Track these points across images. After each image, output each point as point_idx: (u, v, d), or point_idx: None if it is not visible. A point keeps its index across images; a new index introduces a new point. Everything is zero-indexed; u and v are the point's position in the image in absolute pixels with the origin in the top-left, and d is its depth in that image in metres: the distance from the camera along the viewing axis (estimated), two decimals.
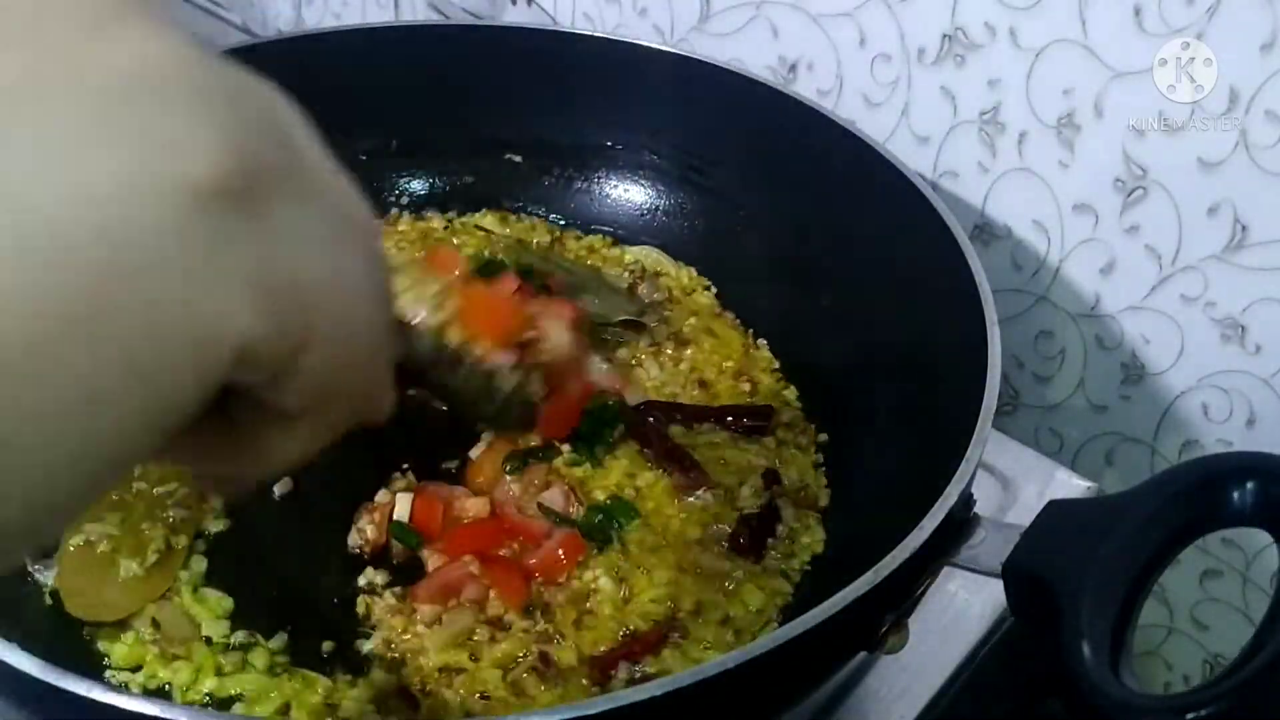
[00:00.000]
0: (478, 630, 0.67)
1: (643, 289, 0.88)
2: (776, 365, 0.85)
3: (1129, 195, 0.78)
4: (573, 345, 0.72)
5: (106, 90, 0.28)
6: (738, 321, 0.88)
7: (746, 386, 0.84)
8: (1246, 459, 0.50)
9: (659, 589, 0.70)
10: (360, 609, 0.68)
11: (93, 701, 0.47)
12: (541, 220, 0.95)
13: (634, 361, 0.84)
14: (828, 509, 0.76)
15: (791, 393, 0.83)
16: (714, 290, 0.90)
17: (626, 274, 0.91)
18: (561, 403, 0.74)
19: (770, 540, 0.73)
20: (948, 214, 0.72)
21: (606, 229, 0.94)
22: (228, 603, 0.68)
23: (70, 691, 0.48)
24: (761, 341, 0.87)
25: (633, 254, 0.93)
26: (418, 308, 0.46)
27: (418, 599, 0.68)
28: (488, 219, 0.95)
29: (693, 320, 0.88)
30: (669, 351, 0.85)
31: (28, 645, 0.49)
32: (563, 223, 0.95)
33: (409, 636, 0.67)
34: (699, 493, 0.75)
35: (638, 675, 0.65)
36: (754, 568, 0.71)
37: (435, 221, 0.95)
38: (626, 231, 0.94)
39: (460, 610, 0.67)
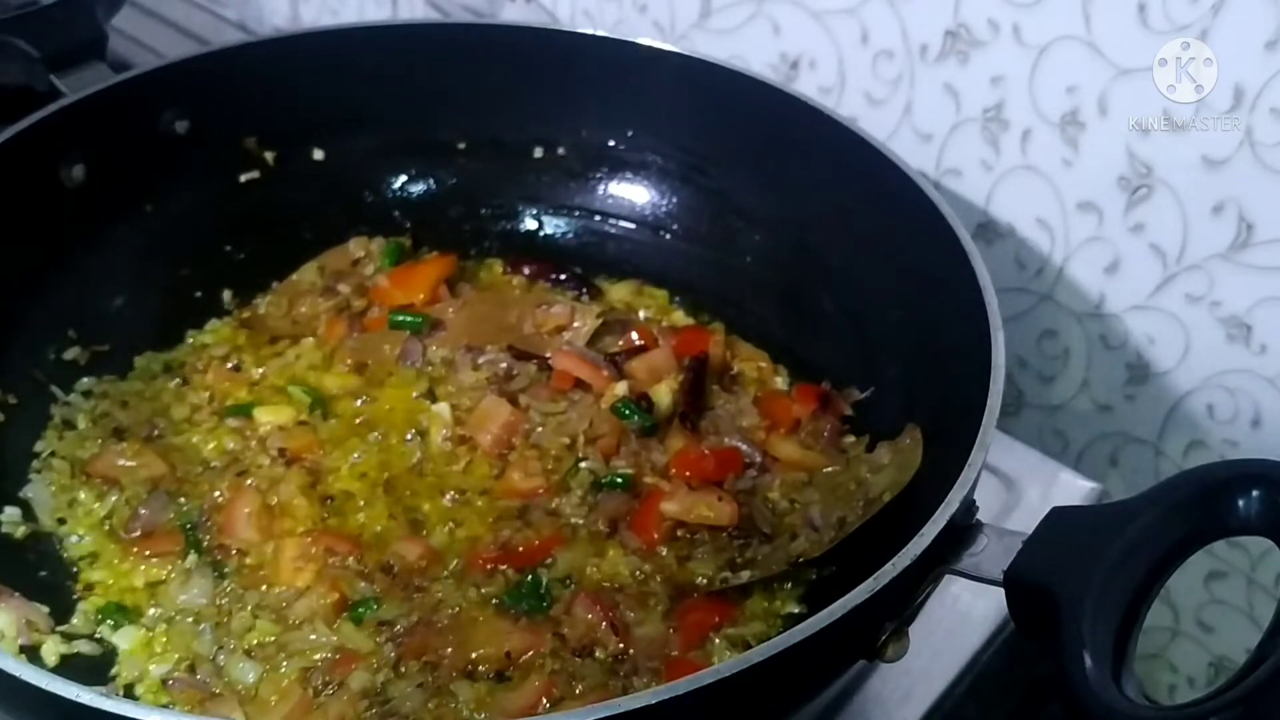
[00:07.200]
0: None
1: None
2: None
3: (1133, 193, 0.78)
4: None
5: None
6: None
7: None
8: (1251, 466, 0.49)
9: None
10: None
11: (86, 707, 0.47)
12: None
13: None
14: None
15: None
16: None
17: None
18: None
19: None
20: (950, 213, 0.71)
21: (609, 228, 0.94)
22: None
23: (63, 697, 0.48)
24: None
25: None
26: None
27: None
28: None
29: None
30: None
31: None
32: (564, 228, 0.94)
33: None
34: None
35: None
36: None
37: None
38: (626, 231, 0.93)
39: None
